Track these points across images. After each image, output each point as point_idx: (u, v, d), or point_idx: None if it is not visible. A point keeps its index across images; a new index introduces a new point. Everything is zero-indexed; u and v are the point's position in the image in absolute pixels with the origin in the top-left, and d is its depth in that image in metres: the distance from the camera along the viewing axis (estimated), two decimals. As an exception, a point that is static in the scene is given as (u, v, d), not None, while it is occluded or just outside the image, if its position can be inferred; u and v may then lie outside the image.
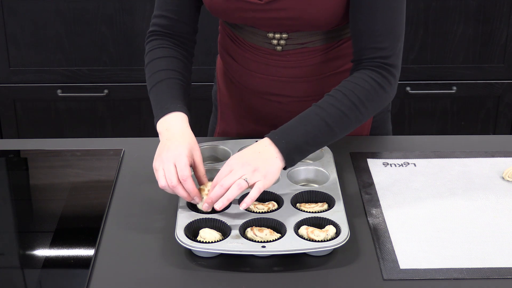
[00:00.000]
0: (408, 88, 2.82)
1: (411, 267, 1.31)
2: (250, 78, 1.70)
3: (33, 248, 1.41)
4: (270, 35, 1.60)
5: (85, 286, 1.27)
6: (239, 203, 1.38)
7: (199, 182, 1.45)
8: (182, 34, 1.64)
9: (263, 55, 1.64)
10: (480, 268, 1.31)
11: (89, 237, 1.40)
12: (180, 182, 1.38)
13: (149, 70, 1.60)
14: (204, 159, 1.58)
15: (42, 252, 1.39)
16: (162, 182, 1.39)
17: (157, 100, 1.53)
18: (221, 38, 1.75)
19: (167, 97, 1.52)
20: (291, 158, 1.40)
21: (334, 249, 1.34)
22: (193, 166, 1.44)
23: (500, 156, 1.68)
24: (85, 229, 1.45)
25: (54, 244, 1.40)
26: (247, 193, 1.37)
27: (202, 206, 1.39)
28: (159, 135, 1.49)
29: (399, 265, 1.32)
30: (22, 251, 1.42)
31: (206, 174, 1.46)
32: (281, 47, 1.62)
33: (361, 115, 1.46)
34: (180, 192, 1.39)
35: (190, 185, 1.38)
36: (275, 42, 1.61)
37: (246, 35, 1.64)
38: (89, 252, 1.36)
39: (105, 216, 1.47)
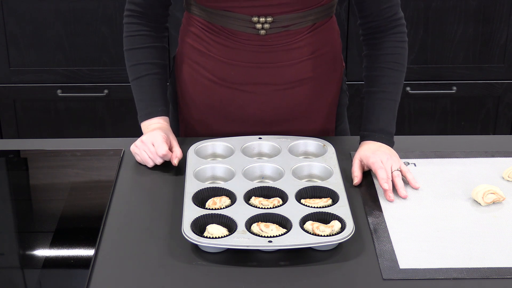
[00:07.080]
0: (408, 88, 2.82)
1: (410, 267, 1.31)
2: (226, 68, 1.69)
3: (33, 248, 1.41)
4: (255, 19, 1.62)
5: (85, 286, 1.27)
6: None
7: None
8: (156, 12, 1.72)
9: (245, 40, 1.65)
10: (480, 268, 1.31)
11: (89, 237, 1.40)
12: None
13: (130, 59, 1.73)
14: (206, 156, 1.62)
15: (42, 252, 1.39)
16: (150, 162, 1.63)
17: (140, 98, 1.72)
18: (188, 30, 1.73)
19: (149, 99, 1.71)
20: (392, 141, 1.67)
21: (339, 243, 1.35)
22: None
23: (500, 156, 1.68)
24: (85, 229, 1.45)
25: (54, 244, 1.40)
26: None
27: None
28: (143, 131, 1.70)
29: (398, 265, 1.32)
30: (22, 251, 1.42)
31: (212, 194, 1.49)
32: (265, 31, 1.63)
33: (404, 71, 1.70)
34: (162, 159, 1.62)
35: (168, 154, 1.61)
36: (259, 26, 1.62)
37: (225, 21, 1.64)
38: (89, 252, 1.36)
39: (105, 216, 1.47)
